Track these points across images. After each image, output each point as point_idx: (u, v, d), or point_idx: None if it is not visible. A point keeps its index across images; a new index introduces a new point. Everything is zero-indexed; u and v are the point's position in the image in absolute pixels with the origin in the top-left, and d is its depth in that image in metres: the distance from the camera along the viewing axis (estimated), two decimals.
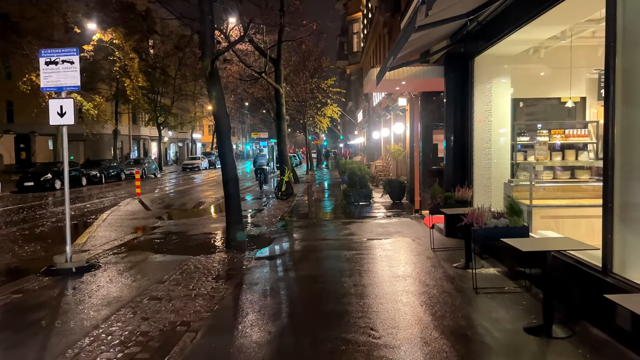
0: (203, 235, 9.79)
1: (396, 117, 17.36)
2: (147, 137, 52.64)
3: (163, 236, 9.76)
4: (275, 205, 14.63)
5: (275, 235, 9.62)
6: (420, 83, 9.50)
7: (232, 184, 8.67)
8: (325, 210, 13.61)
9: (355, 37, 37.99)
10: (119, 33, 27.19)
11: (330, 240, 8.90)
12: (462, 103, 8.32)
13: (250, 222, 11.33)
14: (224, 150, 8.65)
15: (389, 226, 10.18)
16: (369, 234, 9.30)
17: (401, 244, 8.33)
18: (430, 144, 10.89)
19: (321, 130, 35.38)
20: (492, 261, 6.78)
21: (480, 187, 7.86)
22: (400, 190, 14.46)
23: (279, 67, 17.62)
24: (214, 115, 8.65)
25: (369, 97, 27.82)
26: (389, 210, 12.65)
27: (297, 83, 27.37)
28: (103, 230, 10.66)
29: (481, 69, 7.83)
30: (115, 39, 27.17)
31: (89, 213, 13.66)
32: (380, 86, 9.71)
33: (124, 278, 6.52)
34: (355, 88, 42.59)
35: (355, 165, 15.48)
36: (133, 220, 12.08)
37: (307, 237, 9.30)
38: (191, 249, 8.46)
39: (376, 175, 19.69)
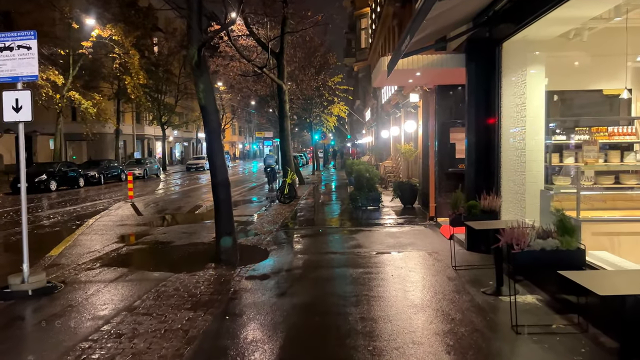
0: (192, 247, 8.73)
1: (407, 115, 16.20)
2: (151, 137, 51.82)
3: (147, 247, 8.73)
4: (277, 209, 13.55)
5: (273, 246, 8.54)
6: (437, 74, 8.36)
7: (223, 188, 7.60)
8: (330, 216, 12.50)
9: (363, 33, 36.83)
10: (118, 29, 26.28)
11: (334, 253, 7.79)
12: (487, 96, 7.18)
13: (247, 230, 10.27)
14: (213, 151, 7.58)
15: (400, 236, 9.06)
16: (378, 246, 8.19)
17: (416, 259, 7.21)
18: (447, 143, 9.75)
19: (328, 129, 34.26)
20: (528, 285, 5.63)
21: (509, 194, 6.71)
22: (412, 194, 13.32)
23: (282, 62, 16.57)
24: (201, 111, 7.60)
25: (377, 94, 26.67)
26: (400, 217, 11.52)
27: (302, 80, 26.27)
28: (84, 240, 9.65)
29: (511, 56, 6.68)
30: (115, 35, 26.27)
31: (76, 218, 12.68)
32: (392, 78, 8.59)
33: (88, 304, 5.47)
34: (363, 86, 41.42)
35: (363, 166, 14.36)
36: (120, 227, 11.06)
37: (309, 249, 8.20)
38: (175, 264, 7.41)
39: (385, 177, 18.55)
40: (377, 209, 12.87)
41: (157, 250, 8.41)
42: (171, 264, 7.46)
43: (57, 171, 22.41)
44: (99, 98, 28.79)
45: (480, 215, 6.35)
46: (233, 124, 72.22)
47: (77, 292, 5.93)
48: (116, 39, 26.50)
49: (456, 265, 6.61)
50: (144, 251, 8.34)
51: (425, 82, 9.53)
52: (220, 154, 7.63)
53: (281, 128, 16.97)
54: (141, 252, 8.28)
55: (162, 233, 10.09)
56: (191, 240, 9.23)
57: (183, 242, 9.07)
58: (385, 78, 8.19)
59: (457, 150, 9.77)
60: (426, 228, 9.83)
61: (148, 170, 31.84)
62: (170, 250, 8.43)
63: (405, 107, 16.31)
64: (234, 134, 79.59)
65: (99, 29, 26.00)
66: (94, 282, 6.37)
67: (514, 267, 4.42)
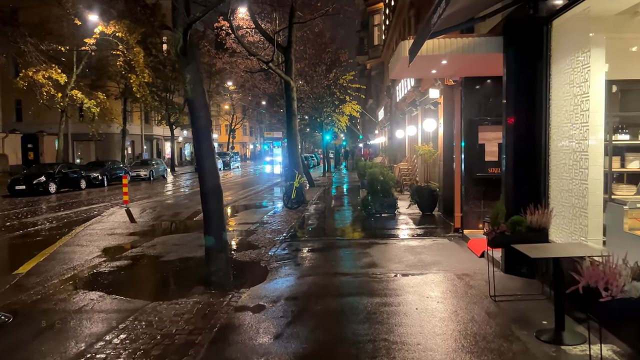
0: (181, 263, 7.59)
1: (425, 113, 14.90)
2: (160, 137, 51.14)
3: (130, 263, 7.60)
4: (283, 216, 12.38)
5: (274, 263, 7.35)
6: (466, 62, 7.10)
7: (213, 197, 6.44)
8: (340, 225, 11.28)
9: (376, 29, 35.54)
10: (122, 25, 25.33)
11: (344, 275, 6.57)
12: (531, 87, 5.92)
13: (246, 241, 9.10)
14: (201, 152, 6.42)
15: (422, 251, 7.81)
16: (396, 265, 6.95)
17: (444, 284, 5.96)
18: (475, 144, 8.47)
19: (340, 129, 32.99)
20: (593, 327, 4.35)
21: (563, 207, 5.43)
22: (431, 200, 12.04)
23: (290, 57, 15.42)
24: (188, 105, 6.45)
25: (391, 92, 25.36)
26: (420, 227, 10.25)
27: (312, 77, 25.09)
28: (63, 253, 8.57)
29: (564, 37, 5.41)
30: (119, 31, 25.31)
31: (64, 225, 11.64)
32: (413, 68, 7.34)
33: (32, 347, 4.33)
34: (376, 84, 40.12)
35: (377, 169, 13.11)
36: (108, 237, 9.98)
37: (315, 267, 6.99)
38: (157, 287, 6.29)
39: (400, 180, 17.26)
40: (392, 217, 11.62)
41: (140, 268, 7.28)
42: (152, 287, 6.33)
43: (57, 173, 21.52)
44: (102, 97, 27.90)
45: (527, 234, 5.08)
46: (244, 124, 71.37)
47: (24, 328, 4.80)
48: (120, 36, 25.55)
49: (495, 295, 5.34)
50: (125, 269, 7.21)
51: (450, 73, 8.26)
52: (211, 155, 6.46)
53: (288, 127, 15.80)
54: (121, 270, 7.15)
55: (151, 245, 8.97)
56: (181, 255, 8.09)
57: (172, 257, 7.92)
58: (405, 66, 6.95)
59: (487, 152, 8.49)
60: (451, 241, 8.56)
61: (154, 171, 30.91)
62: (155, 268, 7.29)
63: (423, 104, 15.02)
64: (244, 135, 78.81)
65: (103, 26, 25.09)
66: (53, 313, 5.24)
67: (600, 318, 3.15)
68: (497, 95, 8.45)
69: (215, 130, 67.05)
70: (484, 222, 8.45)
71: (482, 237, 8.25)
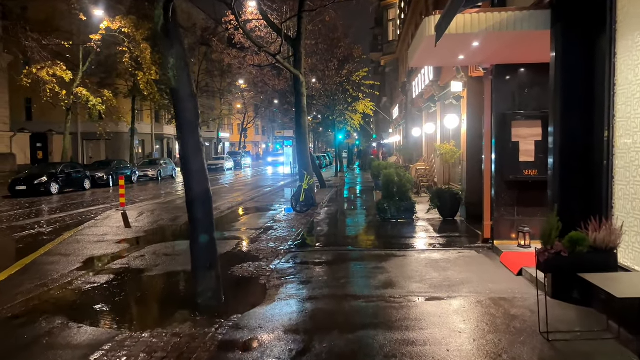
0: (169, 278, 6.60)
1: (445, 109, 13.76)
2: (170, 136, 50.54)
3: (111, 279, 6.63)
4: (289, 221, 11.35)
5: (274, 279, 6.32)
6: (503, 43, 5.98)
7: (201, 205, 5.43)
8: (352, 232, 10.21)
9: (391, 24, 34.34)
10: (128, 21, 24.56)
11: (356, 298, 5.49)
12: (588, 70, 4.79)
13: (246, 252, 8.09)
14: (187, 151, 5.41)
15: (447, 266, 6.71)
16: (418, 285, 5.86)
17: (479, 313, 4.86)
18: (507, 142, 7.33)
19: (353, 128, 31.85)
20: None
21: (634, 219, 4.30)
22: (453, 205, 10.91)
23: (299, 49, 14.39)
24: (172, 95, 5.45)
25: (406, 89, 24.20)
26: (442, 235, 9.13)
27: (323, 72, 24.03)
28: (41, 263, 7.66)
29: (635, 4, 4.27)
30: (125, 27, 24.55)
31: (55, 230, 10.77)
32: (437, 53, 6.25)
33: None
34: (390, 81, 38.90)
35: (393, 170, 12.00)
36: (96, 244, 9.05)
37: (321, 288, 5.93)
38: (137, 312, 5.31)
39: (417, 181, 16.12)
40: (410, 223, 10.52)
41: (120, 286, 6.30)
42: (127, 312, 5.34)
43: (60, 173, 20.79)
44: (109, 95, 27.19)
45: (590, 256, 3.98)
46: (256, 123, 70.63)
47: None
48: (126, 32, 24.79)
49: (548, 331, 4.23)
50: (102, 288, 6.24)
51: (480, 59, 7.12)
52: (198, 156, 5.45)
53: (297, 124, 14.75)
54: (97, 289, 6.19)
55: (140, 256, 8.00)
56: (171, 268, 7.10)
57: (159, 271, 6.94)
58: (429, 49, 5.86)
59: (522, 151, 7.34)
60: (479, 254, 7.43)
61: (162, 171, 30.17)
62: (137, 286, 6.31)
63: (443, 99, 13.88)
64: (257, 134, 78.15)
65: (108, 21, 24.36)
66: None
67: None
68: (533, 85, 7.32)
69: (227, 130, 66.36)
70: (518, 232, 7.32)
71: (516, 249, 7.13)
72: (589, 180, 4.80)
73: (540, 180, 7.30)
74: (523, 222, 7.38)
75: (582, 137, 4.88)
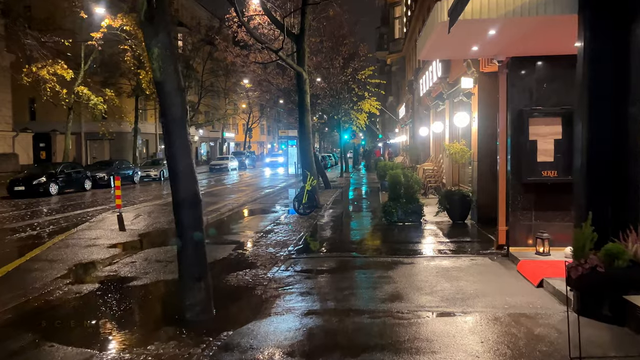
0: (157, 288, 6.12)
1: (454, 107, 13.21)
2: None
3: (95, 289, 6.15)
4: (291, 224, 10.85)
5: (271, 290, 5.82)
6: (523, 31, 5.43)
7: (189, 210, 4.93)
8: (356, 236, 9.69)
9: (397, 22, 33.75)
10: (129, 19, 24.16)
11: (359, 313, 4.97)
12: (622, 58, 4.25)
13: (243, 258, 7.59)
14: (173, 150, 4.92)
15: (459, 275, 6.17)
16: (428, 298, 5.33)
17: (497, 332, 4.32)
18: (525, 140, 6.78)
19: (358, 127, 31.28)
20: None
21: None
22: (463, 207, 10.36)
23: (302, 46, 13.89)
24: (157, 89, 4.96)
25: (413, 87, 23.63)
26: (452, 240, 8.58)
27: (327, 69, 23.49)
28: (24, 271, 7.21)
29: None
30: (127, 25, 24.15)
31: (46, 234, 10.33)
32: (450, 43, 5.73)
33: None
34: (397, 80, 38.33)
35: (400, 170, 11.48)
36: (86, 249, 8.60)
37: (322, 300, 5.41)
38: (117, 328, 4.81)
39: (425, 182, 15.55)
40: (418, 226, 9.98)
41: (104, 297, 5.83)
42: (108, 327, 4.85)
43: (59, 173, 20.42)
44: (110, 94, 26.83)
45: (631, 271, 3.44)
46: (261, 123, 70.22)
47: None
48: (128, 30, 24.40)
49: (581, 357, 3.68)
50: (84, 299, 5.77)
51: (495, 50, 6.56)
52: (185, 155, 4.95)
53: (301, 123, 14.24)
54: (80, 300, 5.72)
55: (130, 262, 7.52)
56: (162, 276, 6.61)
57: (149, 280, 6.45)
58: (441, 38, 5.32)
59: (540, 150, 6.79)
60: (494, 262, 6.88)
61: (165, 171, 29.73)
62: (123, 296, 5.82)
63: (452, 97, 13.33)
64: (262, 134, 77.72)
65: (110, 19, 23.98)
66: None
67: None
68: (553, 79, 6.77)
69: (232, 129, 65.95)
70: (536, 239, 6.76)
71: (534, 257, 6.58)
72: (624, 184, 4.26)
73: (560, 182, 6.76)
74: (541, 228, 6.83)
75: (614, 136, 4.34)
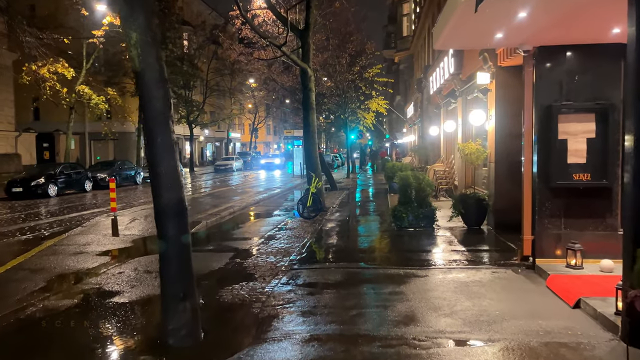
0: (144, 306, 5.47)
1: (468, 105, 12.48)
2: (180, 137, 49.71)
3: (76, 304, 5.52)
4: (295, 229, 10.19)
5: (269, 308, 5.16)
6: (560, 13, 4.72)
7: (172, 219, 4.29)
8: (364, 244, 9.01)
9: (405, 19, 33.04)
10: None
11: (369, 341, 4.28)
12: None
13: (240, 268, 6.94)
14: (155, 149, 4.29)
15: (480, 292, 5.47)
16: (447, 321, 4.63)
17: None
18: (553, 140, 6.07)
19: (365, 127, 30.56)
20: None
21: None
22: (479, 212, 9.64)
23: (307, 41, 13.23)
24: (136, 80, 4.33)
25: (422, 85, 22.90)
26: (469, 248, 7.87)
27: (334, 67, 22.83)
28: (6, 279, 6.63)
29: None
30: None
31: (35, 239, 9.74)
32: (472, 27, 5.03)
33: None
34: (405, 79, 37.57)
35: (410, 172, 10.78)
36: (74, 257, 7.98)
37: (325, 325, 4.73)
38: (89, 353, 4.17)
39: (436, 184, 14.83)
40: (430, 232, 9.28)
41: (82, 314, 5.19)
42: (80, 354, 4.21)
43: (59, 173, 19.91)
44: (113, 93, 26.33)
45: None
46: (267, 123, 69.66)
47: None
48: None
49: None
50: (60, 316, 5.14)
51: (522, 38, 5.83)
52: (169, 156, 4.31)
53: (305, 122, 13.59)
54: (54, 318, 5.09)
55: (118, 272, 6.88)
56: (149, 290, 5.97)
57: (134, 295, 5.81)
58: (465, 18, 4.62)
59: (571, 151, 6.07)
60: (518, 275, 6.17)
61: None
62: (103, 315, 5.18)
63: (465, 94, 12.60)
64: (268, 134, 77.17)
65: (111, 16, 23.47)
66: None
67: None
68: (586, 71, 6.06)
69: (238, 130, 65.44)
70: (567, 249, 6.04)
71: (565, 270, 5.86)
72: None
73: (593, 187, 6.05)
74: (572, 237, 6.11)
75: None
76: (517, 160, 9.02)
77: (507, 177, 9.25)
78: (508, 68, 8.97)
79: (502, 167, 9.28)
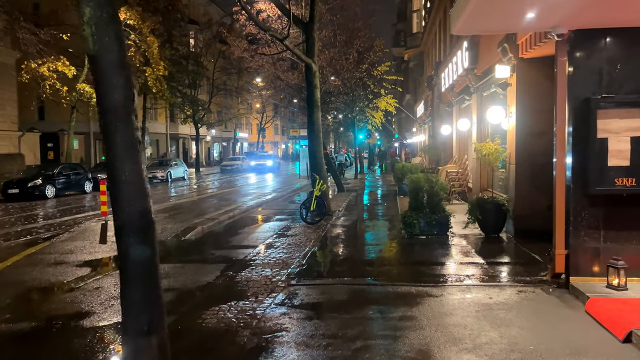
0: (113, 334, 4.71)
1: (484, 101, 11.61)
2: (186, 136, 49.25)
3: (37, 328, 4.77)
4: (296, 236, 9.39)
5: (256, 338, 4.36)
6: None
7: (134, 235, 3.50)
8: (371, 254, 8.19)
9: (415, 15, 32.14)
10: (133, 13, 23.02)
11: None
12: None
13: (231, 283, 6.15)
14: (116, 150, 3.48)
15: (508, 318, 4.63)
16: (469, 358, 3.81)
17: None
18: (591, 138, 5.21)
19: (374, 126, 29.67)
20: None
21: None
22: (498, 218, 8.78)
23: (312, 35, 12.44)
24: (90, 64, 3.56)
25: (433, 83, 22.00)
26: (488, 260, 7.01)
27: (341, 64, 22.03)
28: None
29: None
30: (130, 19, 23.02)
31: (18, 246, 9.06)
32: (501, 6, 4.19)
33: None
34: (414, 77, 36.63)
35: (421, 175, 9.94)
36: (53, 267, 7.26)
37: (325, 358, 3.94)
38: None
39: (448, 187, 13.95)
40: (444, 241, 8.44)
41: (40, 343, 4.44)
42: None
43: (57, 174, 19.32)
44: None
45: None
46: (275, 123, 68.95)
47: None
48: (132, 24, 23.27)
49: None
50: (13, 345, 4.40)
51: (556, 19, 4.97)
52: (129, 158, 3.51)
53: (310, 121, 12.79)
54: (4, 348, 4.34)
55: (95, 288, 6.13)
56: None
57: (106, 319, 5.04)
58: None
59: (612, 151, 5.20)
60: (550, 295, 5.31)
61: (172, 172, 28.60)
62: (63, 344, 4.41)
63: (481, 90, 11.73)
64: (276, 134, 76.48)
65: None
66: None
67: None
68: (629, 59, 5.21)
69: (246, 129, 64.82)
70: (608, 267, 5.18)
71: (606, 291, 4.99)
72: None
73: (638, 194, 5.18)
74: (613, 252, 5.24)
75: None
76: (540, 161, 8.20)
77: (529, 180, 8.41)
78: (531, 60, 8.13)
79: (524, 169, 8.42)
